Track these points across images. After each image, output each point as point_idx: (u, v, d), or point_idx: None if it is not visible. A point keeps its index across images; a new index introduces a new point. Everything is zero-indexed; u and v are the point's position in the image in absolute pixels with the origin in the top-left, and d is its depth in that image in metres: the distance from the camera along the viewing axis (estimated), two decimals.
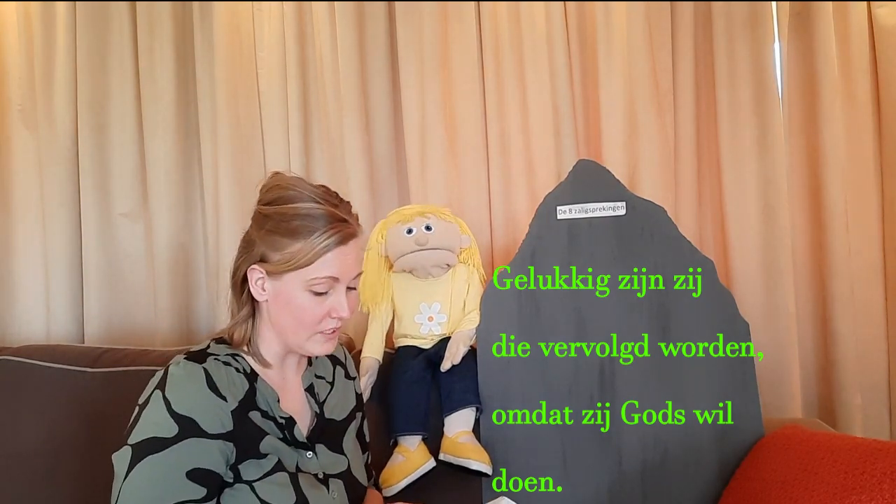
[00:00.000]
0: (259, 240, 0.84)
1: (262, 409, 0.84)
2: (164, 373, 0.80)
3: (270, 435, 0.83)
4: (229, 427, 0.79)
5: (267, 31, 1.66)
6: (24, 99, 1.72)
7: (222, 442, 0.78)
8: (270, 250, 0.83)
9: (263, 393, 0.86)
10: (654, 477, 1.14)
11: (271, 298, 0.85)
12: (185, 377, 0.79)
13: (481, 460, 1.10)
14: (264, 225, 0.84)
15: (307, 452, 0.88)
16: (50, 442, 1.23)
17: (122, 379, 1.27)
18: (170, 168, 1.66)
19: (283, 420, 0.86)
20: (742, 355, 1.18)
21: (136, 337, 1.69)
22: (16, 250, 1.73)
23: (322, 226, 0.81)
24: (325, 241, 0.81)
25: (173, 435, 0.75)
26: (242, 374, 0.85)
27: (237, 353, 0.87)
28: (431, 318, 1.25)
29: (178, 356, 0.84)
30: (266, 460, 0.81)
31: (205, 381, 0.79)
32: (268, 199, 0.86)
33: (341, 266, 0.83)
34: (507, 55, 1.57)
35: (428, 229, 1.19)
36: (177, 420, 0.76)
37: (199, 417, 0.77)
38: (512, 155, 1.58)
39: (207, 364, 0.81)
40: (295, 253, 0.81)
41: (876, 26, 1.49)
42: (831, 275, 1.48)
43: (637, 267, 1.20)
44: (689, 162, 1.56)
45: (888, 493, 0.80)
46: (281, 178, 0.87)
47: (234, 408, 0.80)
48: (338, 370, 1.03)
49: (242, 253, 0.87)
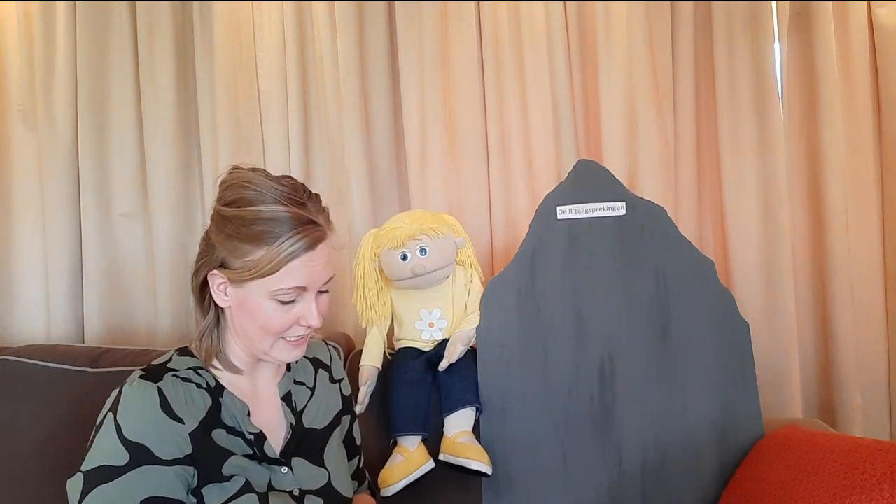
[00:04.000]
0: (219, 244, 0.78)
1: (227, 426, 0.80)
2: (119, 393, 0.76)
3: (236, 455, 0.79)
4: (187, 451, 0.74)
5: (267, 31, 1.65)
6: (24, 99, 1.71)
7: (180, 467, 0.73)
8: (231, 257, 0.77)
9: (230, 408, 0.81)
10: (654, 477, 1.14)
11: (234, 305, 0.80)
12: (137, 399, 0.74)
13: (481, 460, 1.10)
14: (224, 228, 0.77)
15: (281, 468, 0.83)
16: (50, 442, 1.23)
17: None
18: (170, 168, 1.66)
19: (252, 436, 0.81)
20: (742, 355, 1.18)
21: (136, 337, 1.69)
22: (16, 250, 1.73)
23: (286, 230, 0.75)
24: (291, 247, 0.75)
25: (124, 463, 0.71)
26: (205, 390, 0.80)
27: (200, 366, 0.82)
28: (432, 325, 1.24)
29: (134, 372, 0.79)
30: (231, 483, 0.76)
31: (158, 403, 0.74)
32: (227, 198, 0.79)
33: (309, 274, 0.78)
34: (507, 55, 1.57)
35: (423, 252, 1.16)
36: (127, 447, 0.71)
37: (152, 443, 0.72)
38: (512, 155, 1.58)
39: (163, 383, 0.76)
40: (258, 261, 0.75)
41: (876, 26, 1.49)
42: (831, 275, 1.48)
43: (637, 267, 1.20)
44: (689, 162, 1.56)
45: (888, 493, 0.80)
46: (240, 174, 0.80)
47: (194, 429, 0.76)
48: (320, 374, 0.98)
49: (202, 256, 0.81)
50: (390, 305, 1.27)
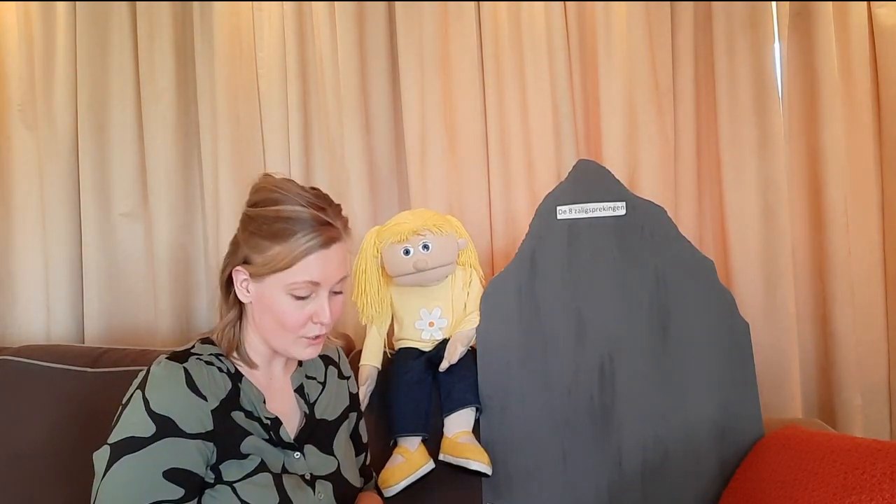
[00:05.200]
0: (243, 242, 0.84)
1: (246, 410, 0.84)
2: (146, 372, 0.80)
3: (254, 435, 0.83)
4: (209, 427, 0.78)
5: (267, 31, 1.66)
6: (24, 99, 1.72)
7: (201, 442, 0.77)
8: (253, 252, 0.82)
9: (248, 394, 0.85)
10: (654, 477, 1.14)
11: (255, 301, 0.85)
12: (164, 377, 0.79)
13: (481, 460, 1.10)
14: (248, 227, 0.84)
15: (294, 453, 0.87)
16: (50, 442, 1.23)
17: (122, 379, 1.24)
18: (170, 168, 1.66)
19: (269, 421, 0.85)
20: (742, 355, 1.18)
21: (136, 337, 1.69)
22: (16, 250, 1.73)
23: (304, 229, 0.81)
24: (306, 244, 0.80)
25: (150, 434, 0.75)
26: (226, 374, 0.85)
27: (221, 354, 0.87)
28: (432, 324, 1.24)
29: (160, 356, 0.83)
30: (248, 461, 0.80)
31: (184, 380, 0.79)
32: (253, 200, 0.85)
33: (323, 270, 0.82)
34: (507, 55, 1.57)
35: (425, 248, 1.17)
36: (154, 419, 0.75)
37: (177, 417, 0.76)
38: (512, 155, 1.58)
39: (188, 363, 0.81)
40: (275, 255, 0.80)
41: (876, 26, 1.49)
42: (831, 275, 1.48)
43: (637, 267, 1.20)
44: (689, 162, 1.56)
45: (888, 493, 0.80)
46: (269, 179, 0.86)
47: (215, 407, 0.80)
48: (330, 370, 1.03)
49: (230, 255, 0.87)
50: (390, 304, 1.27)
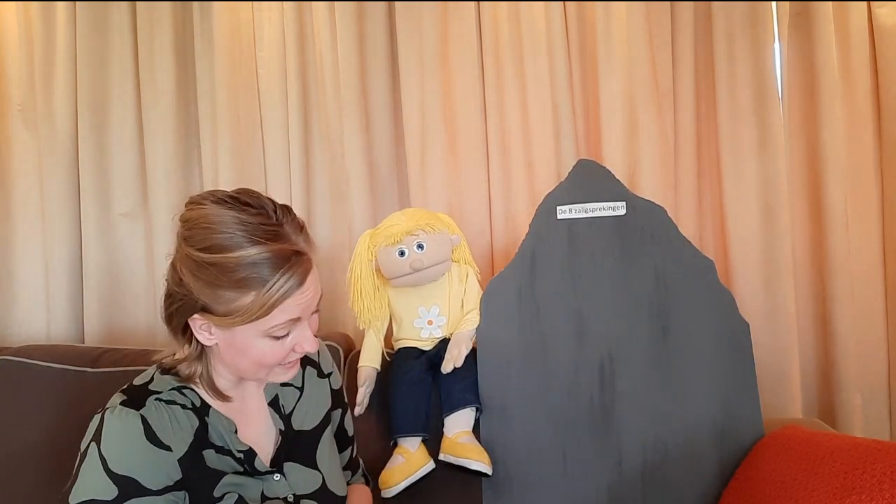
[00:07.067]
0: (197, 290, 0.72)
1: (216, 445, 0.79)
2: (101, 421, 0.73)
3: (228, 474, 0.78)
4: (177, 477, 0.74)
5: (267, 31, 1.65)
6: (24, 99, 1.71)
7: (171, 494, 0.73)
8: (214, 303, 0.72)
9: (217, 427, 0.80)
10: (654, 477, 1.14)
11: (223, 345, 0.76)
12: (120, 430, 0.72)
13: (481, 460, 1.10)
14: (200, 275, 0.71)
15: (274, 475, 0.83)
16: (50, 442, 1.23)
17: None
18: (170, 168, 1.66)
19: (241, 454, 0.81)
20: (742, 355, 1.18)
21: (136, 337, 1.69)
22: (16, 250, 1.73)
23: (274, 272, 0.71)
24: (281, 288, 0.71)
25: (113, 497, 0.70)
26: (190, 410, 0.78)
27: (184, 385, 0.80)
28: (431, 322, 1.24)
29: (115, 396, 0.77)
30: (223, 502, 0.76)
31: (142, 433, 0.72)
32: (198, 242, 0.71)
33: (303, 307, 0.75)
34: (507, 55, 1.57)
35: (420, 248, 1.17)
36: (115, 481, 0.70)
37: (140, 475, 0.71)
38: (512, 155, 1.57)
39: (146, 410, 0.74)
40: (248, 306, 0.71)
41: (876, 26, 1.49)
42: (831, 275, 1.48)
43: (637, 267, 1.20)
44: (689, 162, 1.56)
45: (888, 493, 0.80)
46: (201, 213, 0.72)
47: (182, 454, 0.75)
48: (308, 371, 0.96)
49: (178, 299, 0.75)
50: (388, 306, 1.27)
